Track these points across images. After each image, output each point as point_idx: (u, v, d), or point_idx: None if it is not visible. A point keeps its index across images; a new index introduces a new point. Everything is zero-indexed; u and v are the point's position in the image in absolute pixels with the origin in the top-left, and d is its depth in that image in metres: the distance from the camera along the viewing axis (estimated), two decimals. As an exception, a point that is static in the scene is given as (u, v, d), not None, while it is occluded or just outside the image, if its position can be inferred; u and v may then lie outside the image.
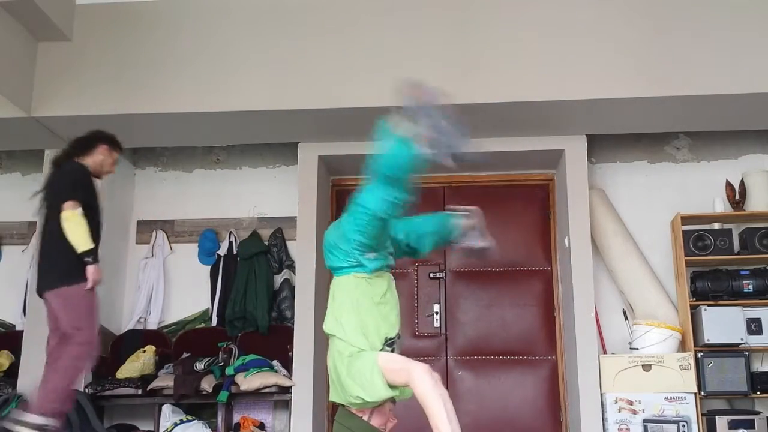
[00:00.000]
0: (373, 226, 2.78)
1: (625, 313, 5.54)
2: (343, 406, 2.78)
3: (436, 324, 5.71)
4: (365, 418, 2.68)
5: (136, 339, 5.64)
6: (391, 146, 2.76)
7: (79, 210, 3.86)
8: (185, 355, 5.45)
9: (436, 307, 5.74)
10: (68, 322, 3.86)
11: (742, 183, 5.55)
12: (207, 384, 5.17)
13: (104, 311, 5.61)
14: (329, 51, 4.99)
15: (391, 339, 2.66)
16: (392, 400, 2.69)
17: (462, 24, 4.96)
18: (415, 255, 3.20)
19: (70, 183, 4.00)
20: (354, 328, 2.71)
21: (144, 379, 5.28)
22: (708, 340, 5.10)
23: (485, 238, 3.19)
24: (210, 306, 5.84)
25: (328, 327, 2.82)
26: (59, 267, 3.93)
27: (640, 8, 4.90)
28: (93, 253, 3.87)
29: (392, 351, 2.69)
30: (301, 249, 5.44)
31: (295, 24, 5.08)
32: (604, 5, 4.93)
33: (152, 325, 5.82)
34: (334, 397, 2.80)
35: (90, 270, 3.85)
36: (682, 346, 5.22)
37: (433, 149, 2.72)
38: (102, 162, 4.22)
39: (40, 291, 4.01)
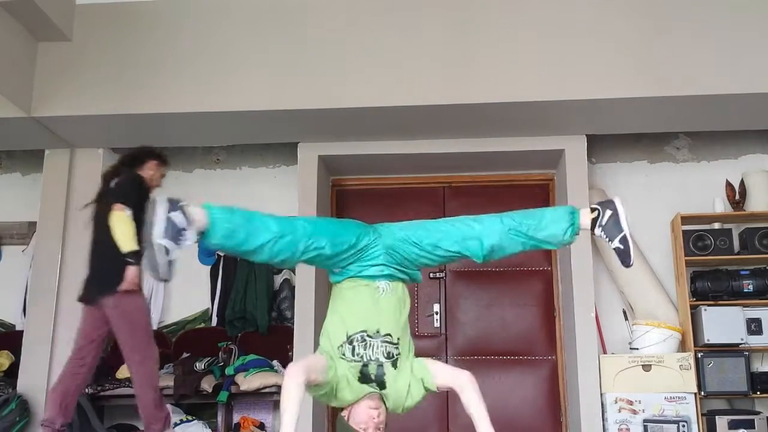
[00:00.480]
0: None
1: (625, 313, 5.54)
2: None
3: (436, 324, 5.71)
4: (346, 417, 2.69)
5: (136, 339, 5.64)
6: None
7: (128, 212, 3.90)
8: (185, 355, 5.45)
9: (436, 307, 5.74)
10: (136, 339, 4.04)
11: (742, 183, 5.55)
12: (207, 384, 5.17)
13: (104, 311, 5.64)
14: (329, 51, 4.99)
15: (351, 336, 2.67)
16: (372, 397, 2.67)
17: (462, 24, 4.96)
18: (476, 259, 2.81)
19: (123, 188, 4.10)
20: (323, 330, 2.77)
21: (144, 379, 5.28)
22: (708, 340, 5.10)
23: (615, 235, 2.77)
24: (210, 306, 5.84)
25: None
26: (111, 275, 3.97)
27: (640, 8, 4.90)
28: (136, 255, 3.88)
29: (353, 347, 2.67)
30: (301, 249, 5.43)
31: (295, 24, 5.08)
32: (604, 5, 4.92)
33: (152, 325, 5.81)
34: None
35: (129, 270, 3.90)
36: (682, 346, 5.22)
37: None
38: (151, 177, 4.35)
39: (91, 299, 4.09)
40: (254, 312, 5.57)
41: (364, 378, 2.63)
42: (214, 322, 5.76)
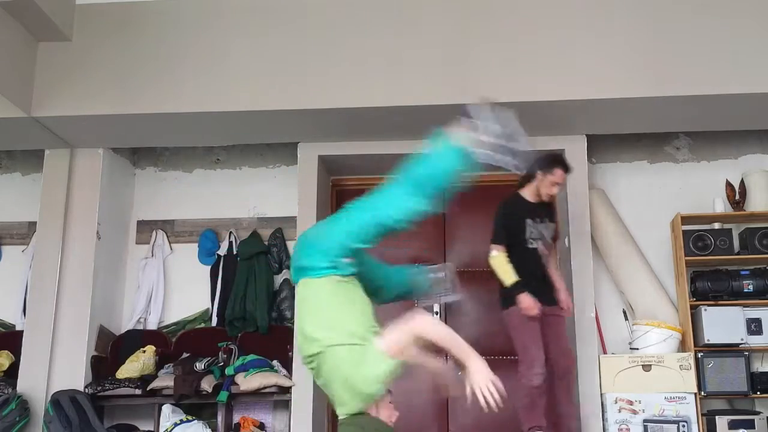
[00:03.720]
0: (374, 232, 2.75)
1: (625, 313, 5.54)
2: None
3: (436, 324, 5.70)
4: (373, 413, 2.64)
5: (136, 339, 5.64)
6: (442, 153, 2.81)
7: (495, 253, 4.41)
8: (185, 355, 5.45)
9: (436, 307, 5.73)
10: (515, 346, 4.48)
11: (742, 183, 5.55)
12: (207, 384, 5.17)
13: (104, 311, 5.65)
14: (329, 51, 4.99)
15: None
16: (389, 391, 2.66)
17: (462, 24, 4.96)
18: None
19: (493, 226, 4.54)
20: (348, 328, 2.66)
21: (144, 379, 5.28)
22: (708, 340, 5.10)
23: (455, 291, 3.24)
24: (210, 306, 5.83)
25: (321, 342, 2.63)
26: (501, 292, 4.53)
27: (640, 8, 4.90)
28: (517, 287, 4.35)
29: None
30: (301, 249, 5.42)
31: (295, 24, 5.08)
32: (604, 6, 4.92)
33: (152, 325, 5.82)
34: (344, 410, 2.65)
35: (519, 299, 4.35)
36: (682, 346, 5.21)
37: (497, 156, 2.85)
38: (536, 187, 4.53)
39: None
40: (254, 312, 5.56)
41: None
42: (214, 322, 5.75)
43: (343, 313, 2.70)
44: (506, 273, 4.40)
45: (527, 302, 4.35)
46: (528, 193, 4.63)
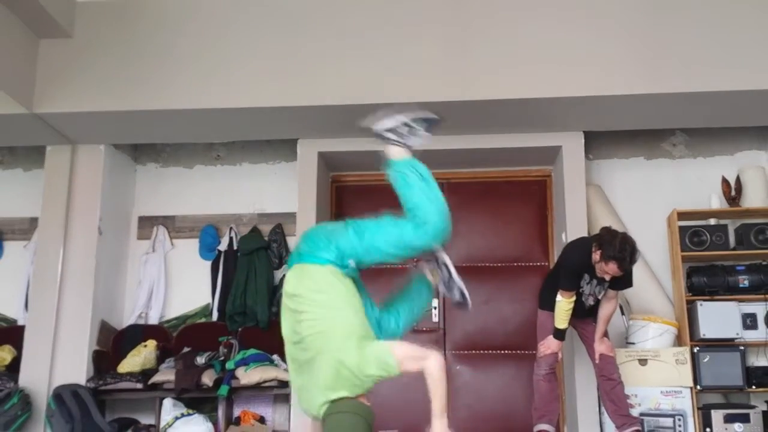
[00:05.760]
0: (375, 257, 2.91)
1: (621, 308, 5.56)
2: (340, 398, 2.70)
3: (435, 319, 5.75)
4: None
5: (137, 333, 5.68)
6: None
7: (560, 298, 4.41)
8: (186, 349, 5.49)
9: (435, 302, 5.77)
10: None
11: (738, 179, 5.59)
12: (208, 378, 5.21)
13: (106, 306, 5.68)
14: (329, 47, 5.01)
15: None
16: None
17: (460, 22, 4.98)
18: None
19: (565, 268, 4.48)
20: (347, 314, 2.76)
21: (145, 374, 5.32)
22: (704, 334, 5.14)
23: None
24: (210, 301, 5.87)
25: (319, 322, 2.75)
26: (541, 291, 4.73)
27: (637, 5, 4.92)
28: (558, 332, 4.51)
29: None
30: (301, 244, 5.46)
31: (295, 20, 5.10)
32: (602, 3, 4.95)
33: (153, 320, 5.85)
34: (327, 394, 2.71)
35: (549, 339, 4.55)
36: (678, 341, 5.26)
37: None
38: (595, 263, 4.33)
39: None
40: (254, 307, 5.60)
41: None
42: (215, 317, 5.79)
43: (342, 299, 2.79)
44: (561, 318, 4.47)
45: (551, 344, 4.55)
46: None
